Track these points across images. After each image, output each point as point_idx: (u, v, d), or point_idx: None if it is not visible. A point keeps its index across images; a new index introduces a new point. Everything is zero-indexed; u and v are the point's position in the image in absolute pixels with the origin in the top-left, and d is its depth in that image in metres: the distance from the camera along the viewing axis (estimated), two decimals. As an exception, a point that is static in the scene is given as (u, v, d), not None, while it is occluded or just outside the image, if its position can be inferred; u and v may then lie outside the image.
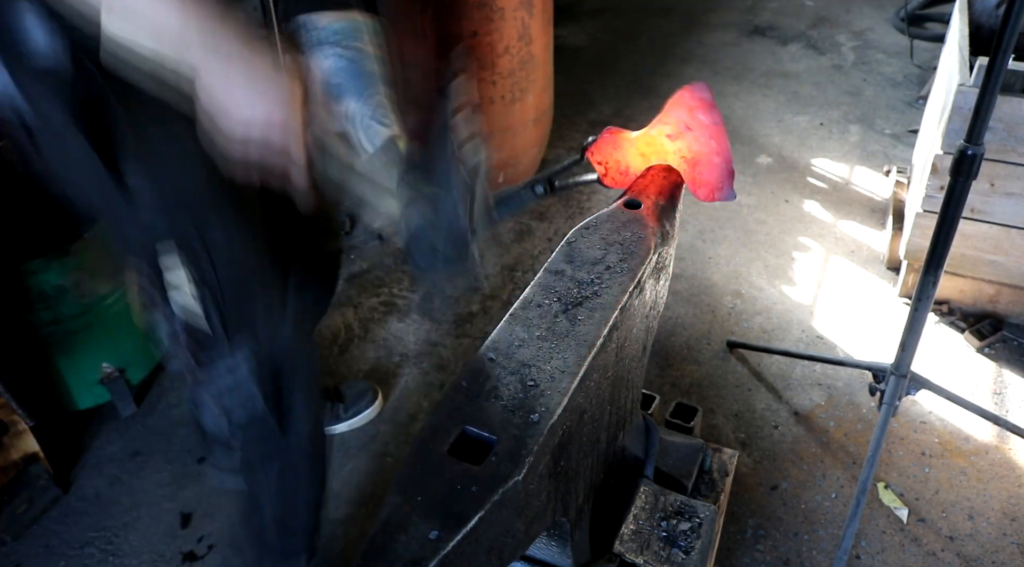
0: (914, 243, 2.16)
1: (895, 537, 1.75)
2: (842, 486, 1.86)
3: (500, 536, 0.86)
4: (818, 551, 1.72)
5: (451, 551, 0.76)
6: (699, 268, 2.53)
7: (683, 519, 1.34)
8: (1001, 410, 2.02)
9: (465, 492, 0.81)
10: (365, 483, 1.91)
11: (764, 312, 2.35)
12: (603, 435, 1.20)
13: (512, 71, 2.57)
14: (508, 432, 0.88)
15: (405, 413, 2.09)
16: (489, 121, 2.65)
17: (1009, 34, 1.30)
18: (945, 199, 1.50)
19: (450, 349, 2.27)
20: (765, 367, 2.17)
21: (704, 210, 2.77)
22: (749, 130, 3.22)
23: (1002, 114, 1.88)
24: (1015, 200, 2.00)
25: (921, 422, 2.00)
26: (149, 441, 2.04)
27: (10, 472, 1.86)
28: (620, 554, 1.30)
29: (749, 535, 1.76)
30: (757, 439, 1.97)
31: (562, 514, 1.07)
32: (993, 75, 1.34)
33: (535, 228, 2.74)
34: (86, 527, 1.84)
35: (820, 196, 2.85)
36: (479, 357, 0.99)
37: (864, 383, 2.08)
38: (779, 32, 4.07)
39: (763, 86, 3.56)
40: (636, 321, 1.19)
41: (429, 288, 1.26)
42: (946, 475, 1.87)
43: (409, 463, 0.85)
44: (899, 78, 3.58)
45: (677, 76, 3.68)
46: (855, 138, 3.17)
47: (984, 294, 2.24)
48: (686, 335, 2.29)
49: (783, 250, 2.60)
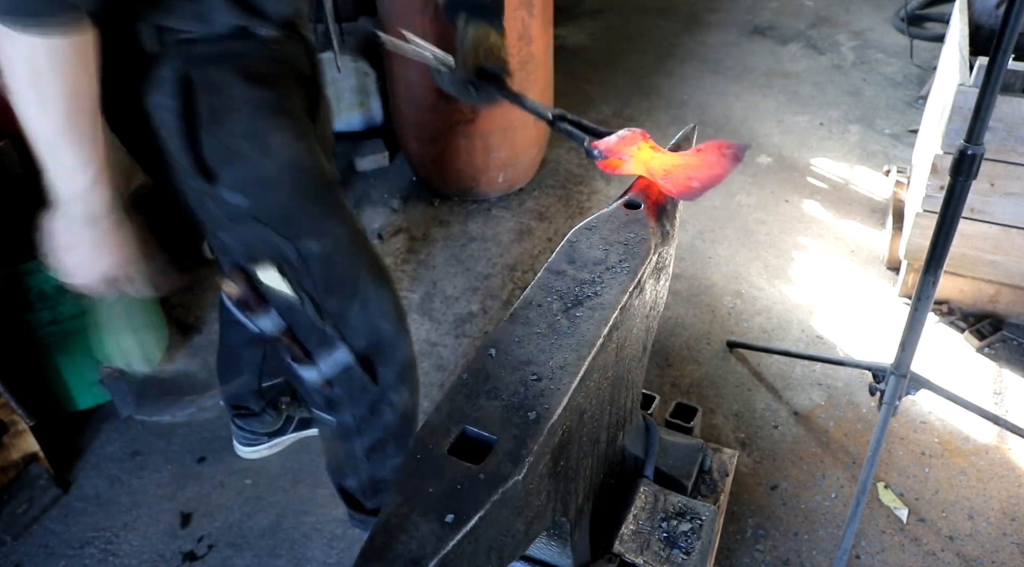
0: (914, 243, 2.16)
1: (895, 537, 1.75)
2: (842, 486, 1.86)
3: (500, 536, 0.86)
4: (818, 551, 1.73)
5: (451, 551, 0.76)
6: (699, 268, 2.53)
7: (683, 519, 1.34)
8: (1001, 410, 2.02)
9: (465, 492, 0.81)
10: (365, 483, 1.91)
11: (764, 312, 2.35)
12: (603, 435, 1.20)
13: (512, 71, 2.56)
14: (508, 432, 0.88)
15: (405, 413, 2.09)
16: (489, 121, 2.65)
17: (1009, 34, 1.30)
18: (945, 199, 1.50)
19: (450, 349, 2.27)
20: (765, 367, 2.17)
21: (704, 210, 2.77)
22: (749, 130, 3.22)
23: (1002, 114, 1.88)
24: (1015, 200, 2.00)
25: (921, 422, 2.00)
26: (149, 441, 2.04)
27: (10, 472, 1.86)
28: (620, 554, 1.30)
29: (749, 535, 1.76)
30: (757, 439, 1.98)
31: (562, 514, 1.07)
32: (993, 75, 1.34)
33: (535, 228, 2.75)
34: (86, 527, 1.84)
35: (820, 196, 2.85)
36: (479, 356, 0.99)
37: (864, 383, 2.09)
38: (779, 32, 4.07)
39: (763, 86, 3.56)
40: (636, 321, 1.19)
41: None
42: (946, 475, 1.87)
43: (409, 463, 0.85)
44: (899, 78, 3.58)
45: (677, 76, 3.68)
46: (855, 138, 3.17)
47: (984, 294, 2.24)
48: (686, 335, 2.29)
49: (783, 250, 2.60)
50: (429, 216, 2.82)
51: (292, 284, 1.28)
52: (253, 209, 1.21)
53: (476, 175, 2.81)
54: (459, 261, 2.61)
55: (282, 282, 1.27)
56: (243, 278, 1.29)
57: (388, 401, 1.45)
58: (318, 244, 1.27)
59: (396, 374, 1.44)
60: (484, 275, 2.54)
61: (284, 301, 1.30)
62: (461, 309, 2.41)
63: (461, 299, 2.45)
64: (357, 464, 1.54)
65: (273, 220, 1.23)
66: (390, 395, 1.45)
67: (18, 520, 1.84)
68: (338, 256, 1.30)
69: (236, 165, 1.18)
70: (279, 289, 1.28)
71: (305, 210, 1.26)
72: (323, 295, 1.30)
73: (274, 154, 1.20)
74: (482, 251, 2.63)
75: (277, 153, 1.21)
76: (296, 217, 1.25)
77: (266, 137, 1.19)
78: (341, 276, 1.32)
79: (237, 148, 1.17)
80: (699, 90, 3.55)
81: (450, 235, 2.72)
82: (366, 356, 1.38)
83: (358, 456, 1.52)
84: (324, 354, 1.36)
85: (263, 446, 1.96)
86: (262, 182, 1.21)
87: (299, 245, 1.25)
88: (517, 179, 2.91)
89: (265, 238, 1.24)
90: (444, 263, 2.60)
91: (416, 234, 2.73)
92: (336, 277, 1.31)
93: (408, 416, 1.51)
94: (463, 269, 2.57)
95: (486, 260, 2.60)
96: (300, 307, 1.30)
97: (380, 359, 1.40)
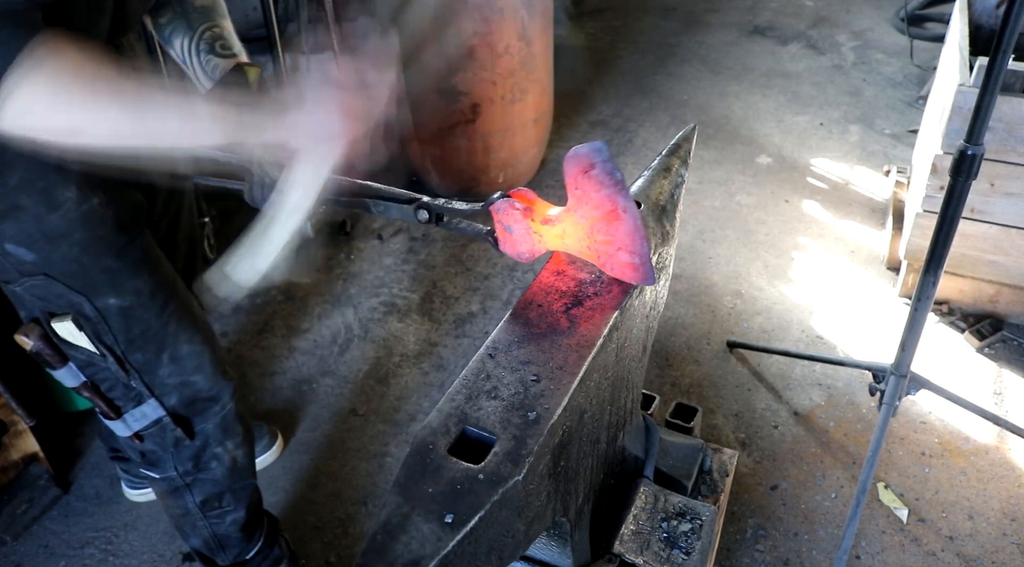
0: (914, 243, 2.16)
1: (895, 537, 1.75)
2: (842, 486, 1.86)
3: (500, 536, 0.86)
4: (818, 551, 1.73)
5: (451, 551, 0.76)
6: (699, 268, 2.53)
7: (683, 520, 1.34)
8: (1001, 410, 2.02)
9: (465, 492, 0.81)
10: (366, 483, 1.91)
11: (764, 312, 2.35)
12: (603, 435, 1.20)
13: (512, 71, 2.57)
14: (508, 432, 0.88)
15: (405, 413, 2.09)
16: (489, 121, 2.65)
17: (1009, 34, 1.30)
18: (945, 199, 1.50)
19: (450, 349, 2.27)
20: (765, 367, 2.17)
21: (704, 210, 2.77)
22: (749, 130, 3.22)
23: (1002, 114, 1.88)
24: (1015, 200, 2.00)
25: (921, 422, 2.00)
26: (149, 441, 2.04)
27: (10, 472, 1.86)
28: (620, 554, 1.30)
29: (749, 535, 1.76)
30: (757, 439, 1.97)
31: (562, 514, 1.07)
32: (993, 75, 1.34)
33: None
34: (86, 527, 1.84)
35: (820, 196, 2.85)
36: (479, 356, 0.99)
37: (864, 383, 2.09)
38: (779, 32, 4.07)
39: (763, 86, 3.56)
40: (636, 321, 1.19)
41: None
42: (946, 475, 1.87)
43: (409, 463, 0.85)
44: (899, 78, 3.58)
45: (677, 76, 3.68)
46: (855, 138, 3.17)
47: (984, 294, 2.24)
48: (686, 335, 2.29)
49: (783, 250, 2.60)
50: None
51: (91, 338, 1.21)
52: (41, 264, 1.15)
53: (476, 175, 2.81)
54: (459, 261, 2.61)
55: (80, 336, 1.20)
56: (38, 331, 1.22)
57: (213, 454, 1.42)
58: (117, 299, 1.21)
59: (217, 426, 1.40)
60: (484, 275, 2.54)
61: (84, 355, 1.24)
62: (461, 309, 2.41)
63: (461, 299, 2.45)
64: (195, 521, 1.50)
65: (65, 275, 1.16)
66: (213, 448, 1.41)
67: (18, 520, 1.84)
68: (140, 311, 1.24)
69: (19, 219, 1.10)
70: (77, 343, 1.21)
71: (103, 265, 1.19)
72: (126, 349, 1.25)
73: (63, 208, 1.12)
74: (482, 251, 2.63)
75: (67, 207, 1.13)
76: (92, 272, 1.18)
77: (51, 191, 1.11)
78: (145, 331, 1.25)
79: (17, 201, 1.09)
80: (699, 90, 3.55)
81: (450, 235, 2.72)
82: (179, 410, 1.34)
83: (193, 512, 1.48)
84: (131, 408, 1.31)
85: (148, 490, 1.88)
86: (49, 237, 1.13)
87: (96, 301, 1.19)
88: (517, 179, 2.91)
89: (58, 294, 1.17)
90: (444, 263, 2.60)
91: (416, 234, 2.74)
92: (140, 332, 1.25)
93: (240, 467, 1.48)
94: (463, 269, 2.57)
95: (486, 260, 2.60)
96: (102, 361, 1.24)
97: (196, 413, 1.37)
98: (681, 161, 1.36)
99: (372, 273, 2.58)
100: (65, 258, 1.16)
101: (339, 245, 2.70)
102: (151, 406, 1.32)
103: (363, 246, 2.69)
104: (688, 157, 1.38)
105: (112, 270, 1.20)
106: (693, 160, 1.42)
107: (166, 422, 1.34)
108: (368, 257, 2.65)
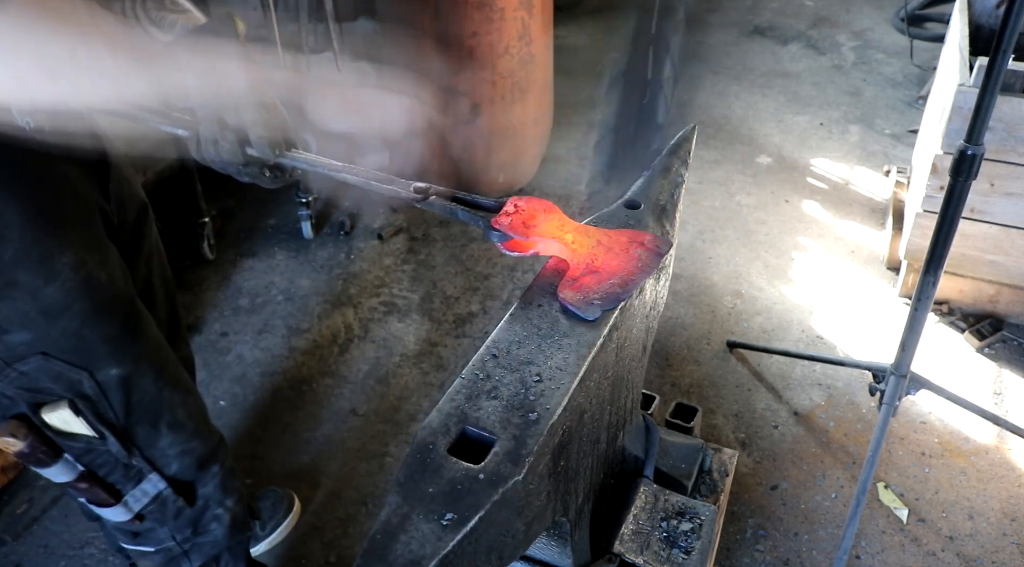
0: (914, 243, 2.16)
1: (895, 537, 1.75)
2: (842, 486, 1.86)
3: (500, 536, 0.86)
4: (818, 551, 1.72)
5: (451, 551, 0.76)
6: (699, 268, 2.53)
7: (683, 519, 1.34)
8: (1001, 410, 2.02)
9: (465, 492, 0.81)
10: (366, 483, 1.91)
11: (764, 312, 2.35)
12: (603, 435, 1.20)
13: (512, 71, 2.57)
14: (508, 432, 0.88)
15: (405, 413, 2.09)
16: (489, 121, 2.65)
17: (1009, 34, 1.30)
18: (945, 199, 1.50)
19: (450, 349, 2.27)
20: (765, 367, 2.17)
21: (704, 210, 2.77)
22: (749, 130, 3.22)
23: (1002, 114, 1.88)
24: (1015, 200, 2.00)
25: (921, 422, 2.00)
26: (149, 441, 2.04)
27: (10, 472, 1.86)
28: (620, 554, 1.30)
29: (749, 535, 1.76)
30: (757, 439, 1.97)
31: (562, 514, 1.07)
32: (993, 75, 1.34)
33: (535, 228, 2.74)
34: (86, 527, 1.84)
35: (820, 196, 2.85)
36: (479, 356, 0.99)
37: (864, 383, 2.08)
38: (779, 32, 4.07)
39: (763, 86, 3.56)
40: (636, 321, 1.19)
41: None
42: (946, 475, 1.87)
43: (409, 463, 0.85)
44: (899, 78, 3.58)
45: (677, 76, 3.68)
46: (855, 138, 3.17)
47: (984, 294, 2.24)
48: (686, 335, 2.29)
49: (783, 250, 2.60)
50: (429, 216, 2.82)
51: (91, 420, 1.13)
52: (37, 343, 1.06)
53: (476, 175, 2.81)
54: (459, 261, 2.61)
55: (76, 422, 1.11)
56: (24, 428, 1.10)
57: (214, 516, 1.37)
58: (119, 369, 1.14)
59: (217, 486, 1.35)
60: (484, 275, 2.54)
61: (82, 443, 1.15)
62: (461, 309, 2.41)
63: (461, 299, 2.45)
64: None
65: (64, 351, 1.08)
66: (215, 510, 1.36)
67: (18, 520, 1.84)
68: (139, 378, 1.17)
69: (13, 298, 1.02)
70: (73, 431, 1.12)
71: (104, 334, 1.11)
72: (127, 424, 1.18)
73: (61, 277, 1.05)
74: (482, 251, 2.63)
75: (65, 275, 1.05)
76: (93, 343, 1.10)
77: (48, 259, 1.03)
78: (142, 399, 1.19)
79: (12, 278, 1.01)
80: (699, 90, 3.55)
81: (450, 235, 2.72)
82: (180, 478, 1.28)
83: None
84: (131, 488, 1.24)
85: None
86: (46, 312, 1.04)
87: (97, 374, 1.11)
88: (517, 179, 2.91)
89: (55, 374, 1.08)
90: (444, 263, 2.60)
91: (416, 234, 2.73)
92: (140, 401, 1.18)
93: (238, 523, 1.42)
94: (463, 269, 2.57)
95: (486, 260, 2.60)
96: (101, 445, 1.16)
97: (198, 477, 1.31)
98: (681, 161, 1.36)
99: (372, 273, 2.58)
100: (64, 333, 1.08)
101: (339, 245, 2.70)
102: (151, 482, 1.26)
103: (363, 246, 2.69)
104: (688, 157, 1.38)
105: (113, 337, 1.14)
106: (693, 160, 1.42)
107: (167, 495, 1.28)
108: (368, 257, 2.64)
